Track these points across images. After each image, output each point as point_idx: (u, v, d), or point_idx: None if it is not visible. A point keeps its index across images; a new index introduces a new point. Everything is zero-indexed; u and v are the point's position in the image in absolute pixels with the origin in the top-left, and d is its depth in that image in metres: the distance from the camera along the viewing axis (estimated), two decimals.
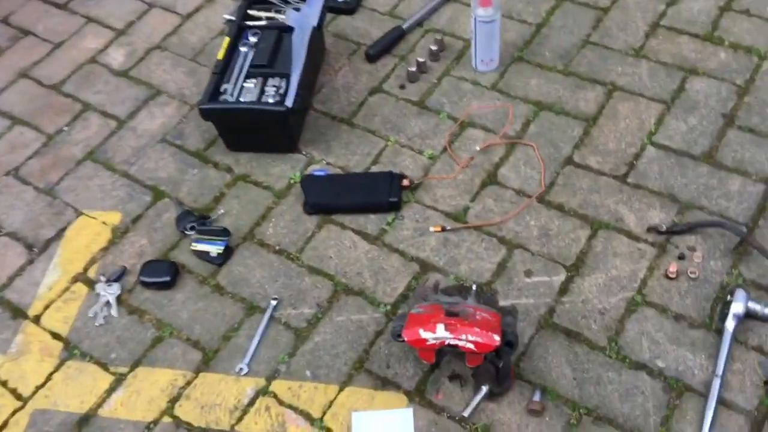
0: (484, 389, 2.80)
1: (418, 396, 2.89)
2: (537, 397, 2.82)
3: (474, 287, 2.90)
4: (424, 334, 2.59)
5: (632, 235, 2.94)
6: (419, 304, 2.77)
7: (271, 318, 2.85)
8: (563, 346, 2.67)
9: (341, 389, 2.94)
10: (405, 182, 3.11)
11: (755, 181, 3.01)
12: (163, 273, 3.10)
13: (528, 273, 2.87)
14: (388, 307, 2.85)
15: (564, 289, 2.79)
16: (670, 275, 3.04)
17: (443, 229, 3.29)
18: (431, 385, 2.92)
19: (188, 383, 2.69)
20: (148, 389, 2.97)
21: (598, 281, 2.80)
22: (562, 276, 2.82)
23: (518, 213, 3.01)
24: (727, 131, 3.17)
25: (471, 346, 2.55)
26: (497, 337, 2.56)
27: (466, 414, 2.76)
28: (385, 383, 2.74)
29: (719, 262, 3.08)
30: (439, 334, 2.57)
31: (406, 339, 2.61)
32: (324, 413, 2.89)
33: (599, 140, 3.56)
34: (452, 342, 2.56)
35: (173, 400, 2.94)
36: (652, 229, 2.90)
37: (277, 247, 3.05)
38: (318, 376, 2.76)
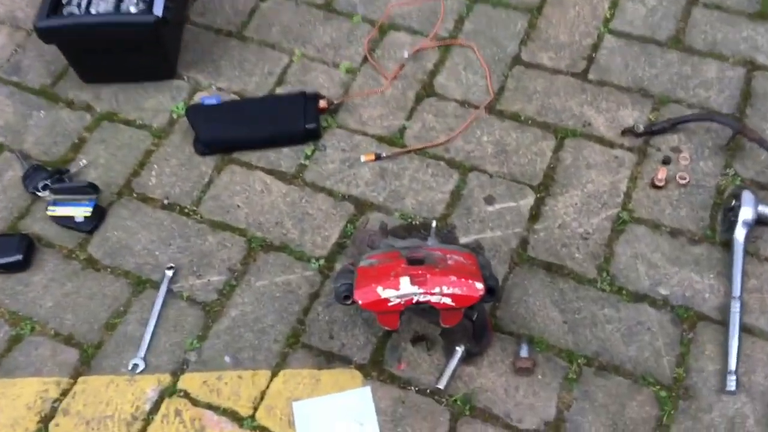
0: (459, 351, 2.18)
1: (375, 370, 2.26)
2: (524, 352, 2.24)
3: (434, 224, 2.23)
4: (385, 293, 1.91)
5: (605, 140, 2.62)
6: (368, 254, 2.06)
7: (169, 293, 2.46)
8: (545, 284, 2.38)
9: (274, 374, 2.31)
10: (322, 104, 2.47)
11: (733, 64, 2.53)
12: (12, 250, 2.38)
13: (489, 200, 2.34)
14: (322, 262, 2.53)
15: (535, 215, 2.50)
16: (658, 183, 2.52)
17: (377, 157, 2.62)
18: (391, 353, 2.28)
19: (65, 393, 2.26)
20: (9, 408, 2.17)
21: (573, 200, 2.49)
22: (530, 199, 2.53)
23: (466, 128, 2.55)
24: (692, 10, 2.66)
25: (448, 300, 1.90)
26: (480, 285, 1.92)
27: (441, 385, 2.14)
28: (330, 359, 2.40)
29: (710, 162, 2.59)
30: (404, 290, 1.90)
31: (360, 302, 1.91)
32: (255, 408, 2.22)
33: (548, 33, 2.96)
34: (423, 299, 1.90)
35: (46, 419, 2.25)
36: (628, 132, 2.61)
37: (166, 201, 2.34)
38: (241, 362, 2.40)
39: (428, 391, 2.28)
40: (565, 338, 2.33)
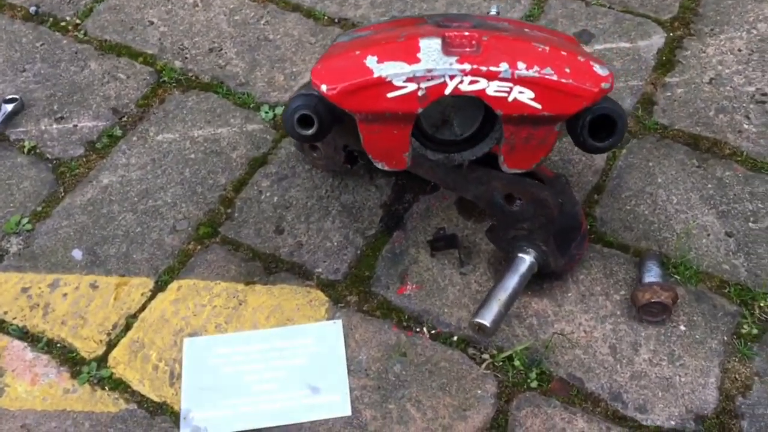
0: (526, 261, 0.99)
1: (354, 291, 1.21)
2: (652, 276, 1.02)
3: (495, 8, 1.08)
4: (384, 67, 0.77)
5: None
6: (357, 29, 0.92)
7: (1, 141, 1.10)
8: (689, 170, 1.42)
9: (160, 287, 1.30)
10: None
11: None
12: None
13: (585, 36, 1.37)
14: (279, 111, 1.54)
15: (667, 63, 1.59)
16: None
17: None
18: (388, 265, 1.14)
19: None
20: None
21: (735, 45, 1.57)
22: (657, 39, 1.61)
23: None
24: None
25: (528, 96, 0.81)
26: (602, 70, 0.74)
27: (483, 320, 0.94)
28: (272, 267, 1.32)
29: None
30: (427, 62, 0.78)
31: (326, 88, 0.79)
32: (110, 346, 1.08)
33: None
34: (469, 87, 0.78)
35: None
36: None
37: (34, 10, 1.79)
38: (102, 261, 1.34)
39: (455, 337, 1.10)
40: (732, 262, 1.15)
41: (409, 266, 1.25)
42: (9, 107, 1.45)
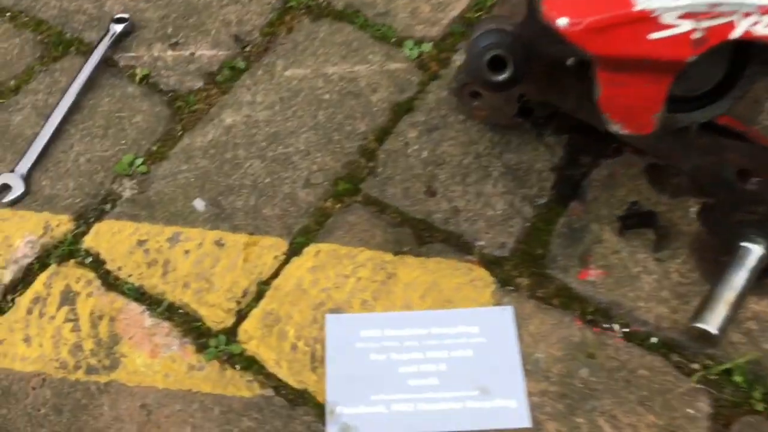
0: (758, 252, 0.76)
1: (526, 272, 0.99)
2: None
3: None
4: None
5: None
6: None
7: (109, 67, 1.33)
8: None
9: (294, 250, 1.07)
10: None
11: None
12: None
13: None
14: (426, 48, 1.31)
15: None
16: None
17: None
18: (567, 242, 0.92)
19: None
20: None
21: None
22: None
23: None
24: None
25: None
26: None
27: (708, 327, 0.70)
28: (425, 236, 1.11)
29: None
30: None
31: (567, 23, 0.52)
32: (240, 316, 0.85)
33: None
34: None
35: None
36: None
37: None
38: (229, 215, 1.15)
39: (654, 339, 0.89)
40: None
41: (591, 246, 1.04)
42: (118, 28, 1.26)
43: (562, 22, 0.71)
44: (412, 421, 0.92)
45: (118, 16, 1.27)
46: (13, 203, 1.12)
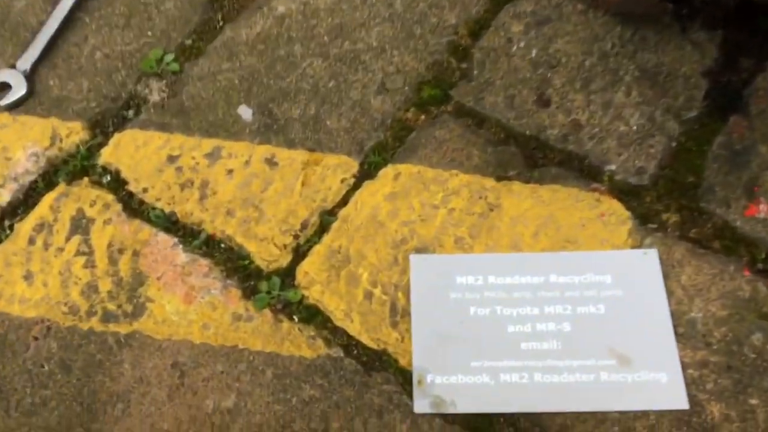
0: None
1: (671, 207, 0.60)
2: None
3: None
4: None
5: None
6: None
7: None
8: None
9: (367, 172, 0.84)
10: None
11: None
12: None
13: None
14: None
15: None
16: None
17: None
18: (724, 165, 0.63)
19: None
20: None
21: None
22: None
23: None
24: None
25: None
26: None
27: None
28: (535, 156, 0.85)
29: None
30: None
31: None
32: (298, 255, 0.64)
33: None
34: None
35: None
36: None
37: None
38: (283, 126, 0.90)
39: None
40: None
41: (759, 173, 0.78)
42: None
43: None
44: (525, 396, 0.69)
45: None
46: (14, 106, 0.89)
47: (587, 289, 0.74)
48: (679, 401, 0.68)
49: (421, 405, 0.69)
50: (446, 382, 0.70)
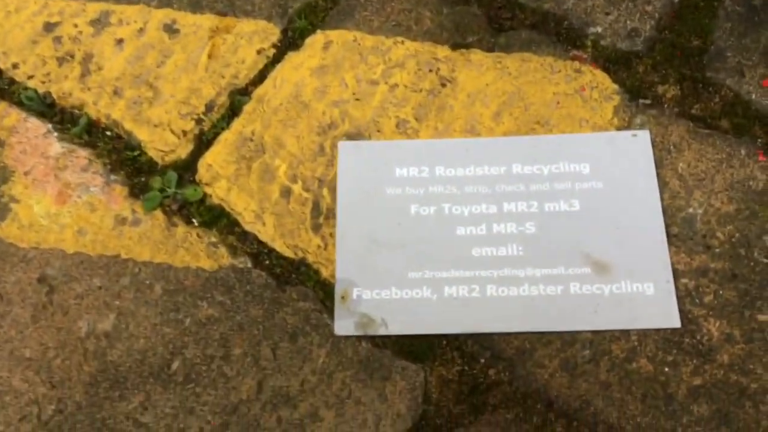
0: None
1: (663, 71, 0.53)
2: None
3: None
4: None
5: None
6: None
7: None
8: None
9: (294, 37, 0.60)
10: None
11: None
12: None
13: None
14: None
15: None
16: None
17: None
18: (736, 25, 0.48)
19: None
20: None
21: None
22: None
23: None
24: None
25: None
26: None
27: None
28: (498, 14, 0.69)
29: None
30: None
31: None
32: (205, 142, 0.41)
33: None
34: None
35: None
36: None
37: None
38: None
39: None
40: None
41: None
42: None
43: None
44: (475, 313, 0.55)
45: None
46: None
47: (559, 181, 0.59)
48: (669, 318, 0.54)
49: (343, 326, 0.55)
50: (376, 297, 0.56)
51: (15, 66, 0.67)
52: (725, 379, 0.52)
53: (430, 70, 0.64)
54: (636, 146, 0.59)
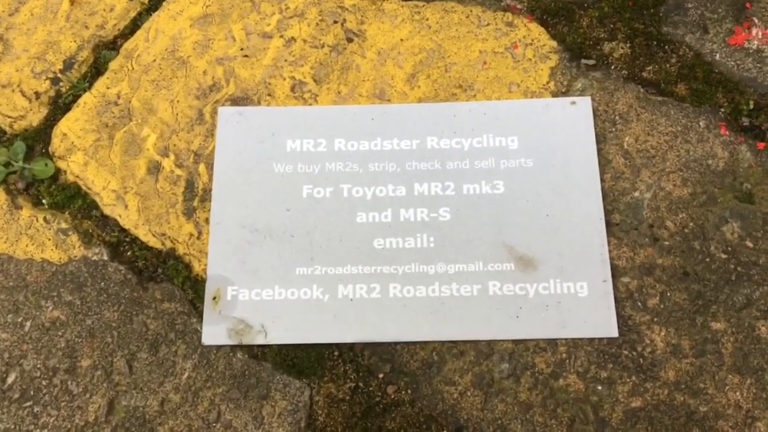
0: None
1: (608, 27, 0.43)
2: None
3: None
4: None
5: None
6: None
7: None
8: None
9: None
10: None
11: None
12: None
13: None
14: None
15: None
16: None
17: None
18: None
19: None
20: None
21: None
22: None
23: None
24: None
25: None
26: None
27: None
28: None
29: None
30: None
31: None
32: (62, 106, 0.29)
33: None
34: None
35: None
36: None
37: None
38: None
39: None
40: None
41: None
42: None
43: None
44: (374, 318, 0.46)
45: None
46: None
47: (481, 158, 0.49)
48: (606, 325, 0.45)
49: (213, 333, 0.46)
50: (255, 298, 0.47)
51: None
52: (670, 401, 0.43)
53: (335, 22, 0.53)
54: (574, 116, 0.49)
